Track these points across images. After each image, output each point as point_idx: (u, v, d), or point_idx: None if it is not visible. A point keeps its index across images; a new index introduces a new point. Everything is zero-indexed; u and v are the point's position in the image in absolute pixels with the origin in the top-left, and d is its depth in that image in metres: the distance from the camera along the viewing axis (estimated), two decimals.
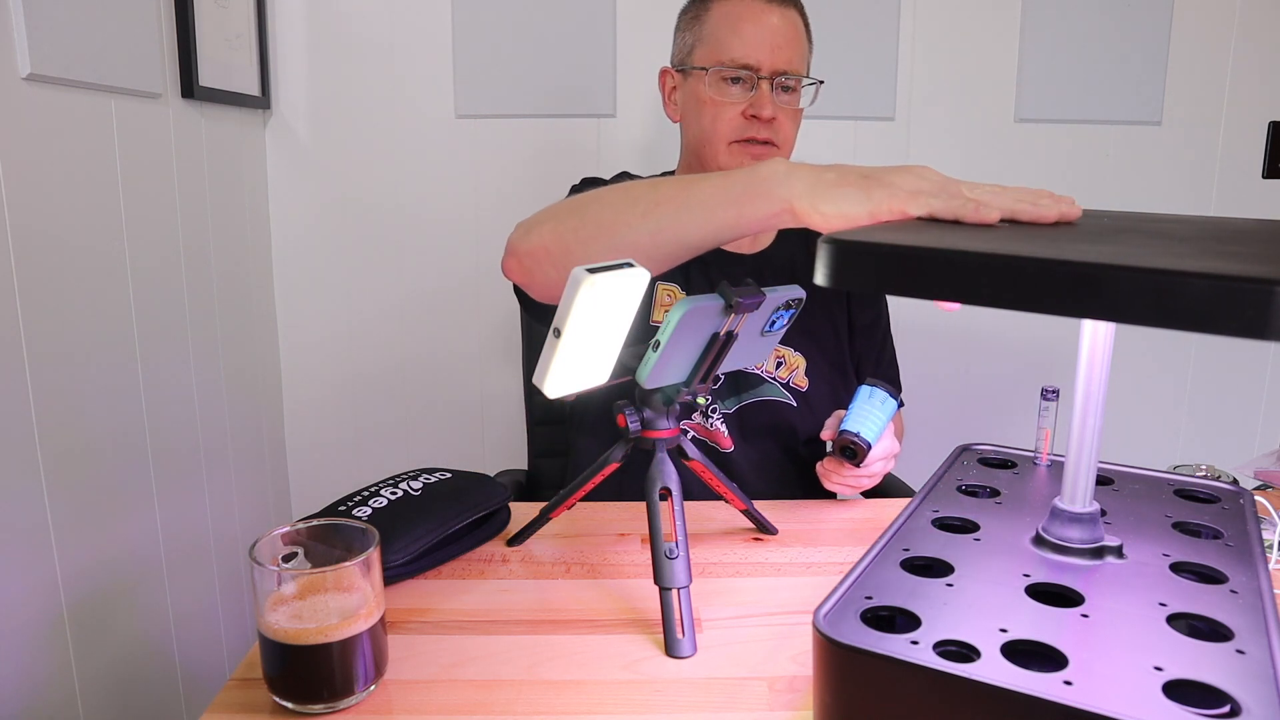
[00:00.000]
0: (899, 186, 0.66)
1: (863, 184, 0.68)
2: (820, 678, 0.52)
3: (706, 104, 1.12)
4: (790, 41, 1.11)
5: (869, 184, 0.68)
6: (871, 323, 1.27)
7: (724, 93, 1.11)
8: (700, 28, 1.14)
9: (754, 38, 1.09)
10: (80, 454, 1.16)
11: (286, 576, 0.62)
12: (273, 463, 1.81)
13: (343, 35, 1.72)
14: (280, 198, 1.78)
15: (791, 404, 1.16)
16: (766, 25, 1.09)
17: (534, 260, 0.90)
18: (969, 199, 0.63)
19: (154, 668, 1.33)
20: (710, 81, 1.11)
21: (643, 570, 0.83)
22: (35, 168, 1.08)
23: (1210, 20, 1.76)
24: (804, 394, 1.16)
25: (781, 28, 1.10)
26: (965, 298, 0.45)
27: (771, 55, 1.09)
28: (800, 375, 1.17)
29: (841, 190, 0.69)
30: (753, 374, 1.15)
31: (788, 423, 1.16)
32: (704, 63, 1.12)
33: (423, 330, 1.84)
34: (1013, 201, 0.62)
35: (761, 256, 1.20)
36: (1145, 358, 1.89)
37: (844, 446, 0.96)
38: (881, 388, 0.97)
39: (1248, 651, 0.50)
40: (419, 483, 0.86)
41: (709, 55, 1.12)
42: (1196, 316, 0.39)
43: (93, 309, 1.19)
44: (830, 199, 0.70)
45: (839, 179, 0.70)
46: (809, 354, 1.17)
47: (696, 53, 1.14)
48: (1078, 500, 0.62)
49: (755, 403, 1.15)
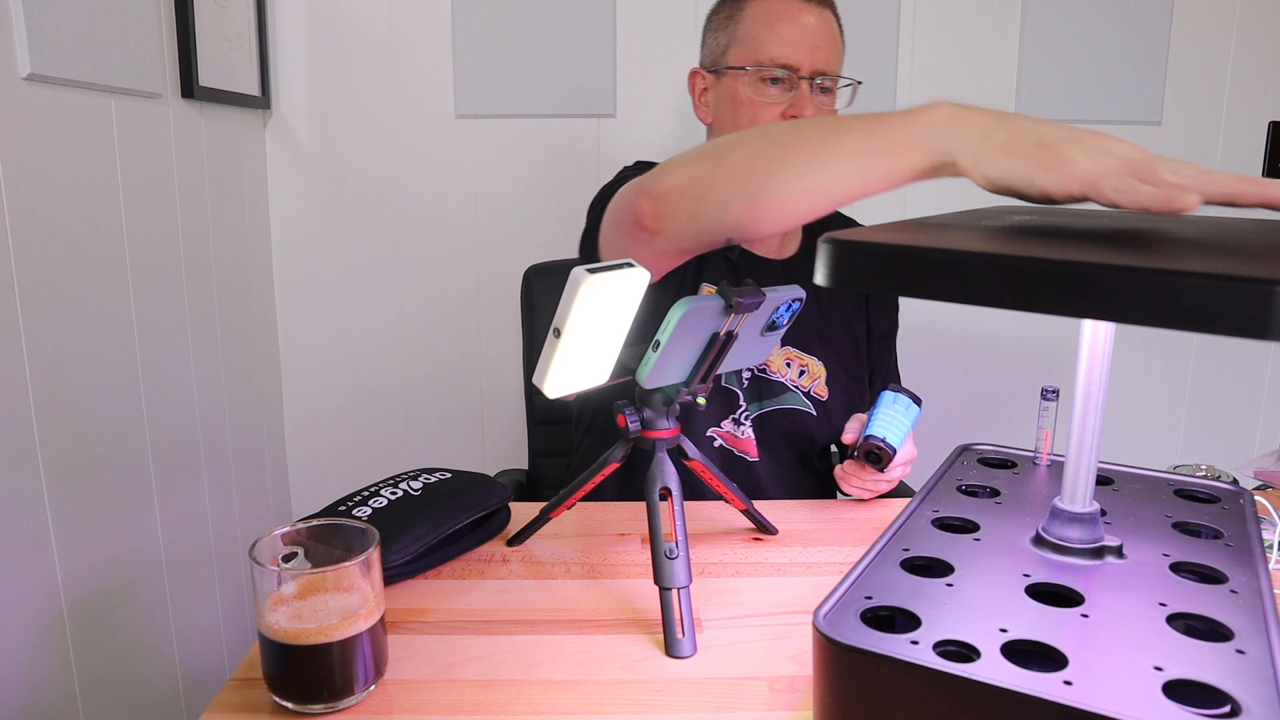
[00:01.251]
0: (1079, 168, 0.57)
1: (1038, 157, 0.59)
2: (820, 678, 0.52)
3: (744, 104, 1.09)
4: (828, 41, 1.09)
5: (1044, 158, 0.59)
6: (887, 331, 1.26)
7: (763, 93, 1.09)
8: (735, 27, 1.11)
9: (792, 37, 1.07)
10: (80, 454, 1.16)
11: (286, 576, 0.62)
12: (273, 463, 1.81)
13: (343, 35, 1.72)
14: (280, 198, 1.78)
15: (812, 413, 1.14)
16: (804, 25, 1.07)
17: (668, 203, 0.82)
18: (1159, 188, 0.53)
19: (154, 668, 1.33)
20: (748, 82, 1.09)
21: (643, 570, 0.83)
22: (35, 168, 1.08)
23: (1210, 20, 1.76)
24: (824, 403, 1.15)
25: (819, 27, 1.08)
26: (965, 298, 0.45)
27: (811, 55, 1.07)
28: (821, 385, 1.15)
29: (1012, 160, 0.60)
30: (777, 381, 1.13)
31: (806, 431, 1.15)
32: (741, 62, 1.10)
33: (422, 330, 1.84)
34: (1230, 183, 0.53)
35: (790, 262, 1.19)
36: (1145, 358, 1.89)
37: (869, 451, 0.95)
38: (904, 393, 0.97)
39: (1248, 651, 0.50)
40: (419, 483, 0.86)
41: (746, 55, 1.09)
42: (1196, 316, 0.39)
43: (93, 309, 1.19)
44: (997, 165, 0.61)
45: (1010, 142, 0.61)
46: (829, 364, 1.16)
47: (731, 53, 1.11)
48: (1078, 500, 0.62)
49: (776, 410, 1.13)
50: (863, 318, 1.22)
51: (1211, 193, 0.52)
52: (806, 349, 1.15)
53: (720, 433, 1.12)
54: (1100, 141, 0.58)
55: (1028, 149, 0.60)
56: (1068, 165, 0.57)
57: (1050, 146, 0.59)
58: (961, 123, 0.64)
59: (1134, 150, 0.57)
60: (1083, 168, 0.56)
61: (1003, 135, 0.62)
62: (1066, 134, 0.60)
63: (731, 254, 1.13)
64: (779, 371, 1.13)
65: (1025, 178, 0.59)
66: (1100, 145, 0.58)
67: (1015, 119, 0.63)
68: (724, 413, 1.12)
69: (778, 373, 1.13)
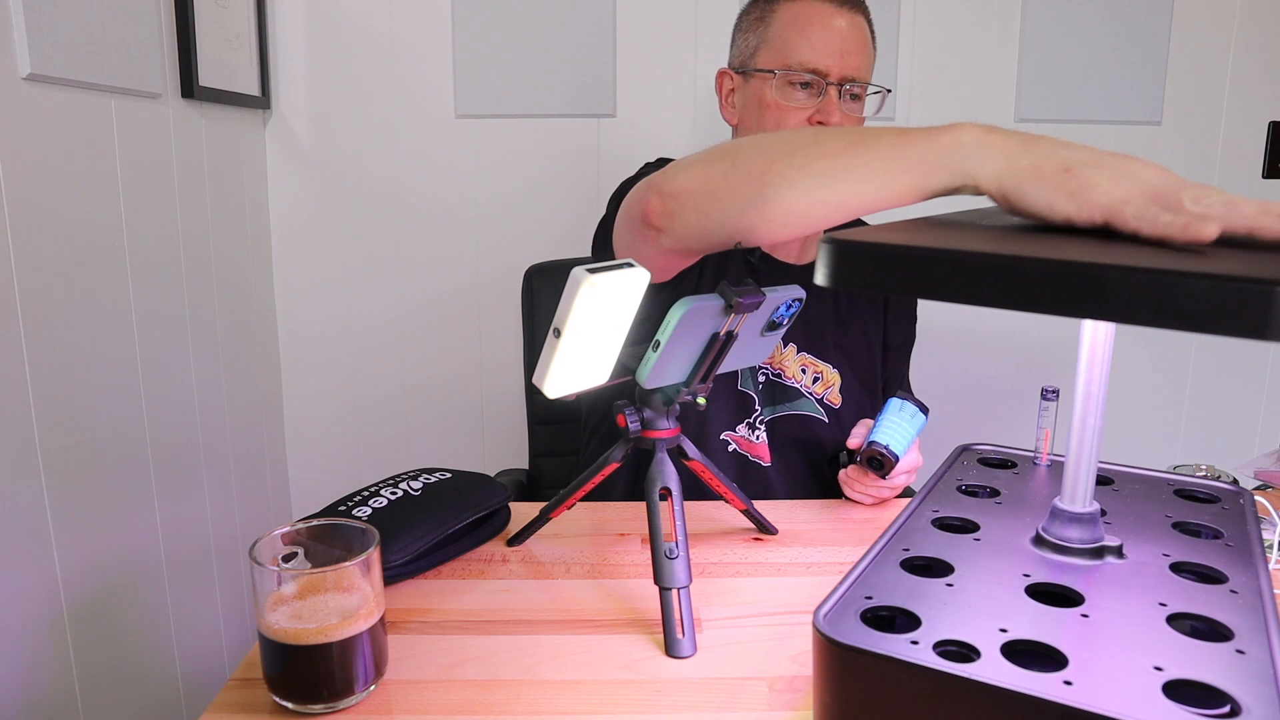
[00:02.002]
0: (1101, 194, 0.55)
1: (1061, 183, 0.58)
2: (820, 678, 0.52)
3: (770, 108, 1.08)
4: (859, 47, 1.07)
5: (1068, 184, 0.58)
6: (904, 343, 1.26)
7: (790, 97, 1.07)
8: (765, 30, 1.10)
9: (823, 42, 1.06)
10: (80, 454, 1.16)
11: (286, 576, 0.62)
12: (273, 463, 1.81)
13: (343, 35, 1.72)
14: (280, 197, 1.78)
15: (824, 420, 1.14)
16: (835, 29, 1.06)
17: (677, 202, 0.82)
18: (1180, 216, 0.51)
19: (154, 668, 1.34)
20: (776, 85, 1.07)
21: (643, 570, 0.83)
22: (35, 168, 1.08)
23: (1210, 20, 1.76)
24: (836, 411, 1.15)
25: (850, 33, 1.07)
26: (965, 298, 0.45)
27: (841, 61, 1.06)
28: (835, 392, 1.15)
29: (1037, 187, 0.59)
30: (791, 386, 1.13)
31: (817, 438, 1.14)
32: (769, 65, 1.08)
33: (423, 330, 1.84)
34: (1254, 216, 0.50)
35: (811, 267, 1.17)
36: (1145, 358, 1.89)
37: (871, 458, 0.95)
38: (912, 401, 0.97)
39: (1248, 651, 0.50)
40: (419, 483, 0.86)
41: (775, 58, 1.08)
42: (1196, 316, 0.39)
43: (93, 309, 1.19)
44: (1021, 191, 0.61)
45: (1034, 168, 0.60)
46: (844, 372, 1.16)
47: (761, 55, 1.10)
48: (1078, 500, 0.62)
49: (789, 415, 1.13)
50: (880, 328, 1.22)
51: (1234, 224, 0.51)
52: (823, 356, 1.15)
53: (734, 436, 1.11)
54: (1126, 165, 0.57)
55: (1051, 174, 0.59)
56: (1090, 191, 0.56)
57: (1074, 171, 0.58)
58: (988, 146, 0.64)
59: (1159, 175, 0.56)
60: (1106, 194, 0.55)
61: (1027, 160, 0.61)
62: (1092, 158, 0.59)
63: (752, 258, 1.13)
64: (794, 377, 1.13)
65: (1048, 203, 0.58)
66: (1125, 170, 0.56)
67: (1040, 142, 0.62)
68: (739, 416, 1.11)
69: (793, 378, 1.13)
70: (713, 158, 0.81)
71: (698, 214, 0.81)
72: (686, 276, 1.03)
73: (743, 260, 1.13)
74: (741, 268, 1.11)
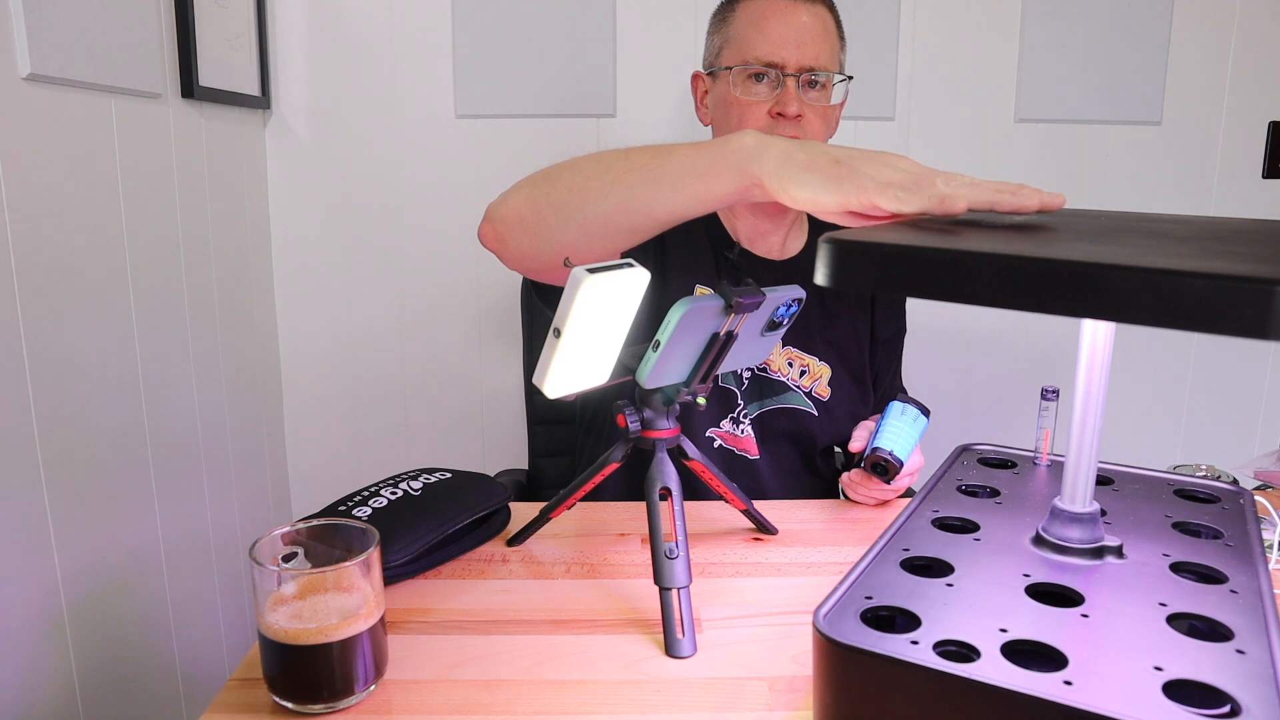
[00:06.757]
0: (870, 178, 0.64)
1: (833, 171, 0.66)
2: (820, 678, 0.52)
3: (733, 104, 1.10)
4: (816, 37, 1.09)
5: (840, 172, 0.66)
6: (893, 336, 1.26)
7: (749, 91, 1.09)
8: (727, 29, 1.13)
9: (779, 34, 1.07)
10: (80, 454, 1.16)
11: (286, 576, 0.62)
12: (273, 463, 1.81)
13: (343, 35, 1.72)
14: (280, 198, 1.78)
15: (813, 413, 1.15)
16: (792, 22, 1.08)
17: (506, 226, 0.89)
18: (935, 193, 0.61)
19: (154, 668, 1.33)
20: (735, 80, 1.09)
21: (643, 570, 0.83)
22: (35, 168, 1.08)
23: (1210, 20, 1.76)
24: (825, 404, 1.16)
25: (809, 24, 1.08)
26: (965, 298, 0.45)
27: (797, 52, 1.07)
28: (823, 385, 1.16)
29: (811, 176, 0.67)
30: (777, 380, 1.14)
31: (807, 431, 1.15)
32: (730, 63, 1.11)
33: (423, 330, 1.84)
34: (991, 193, 0.61)
35: (791, 263, 1.19)
36: (1145, 358, 1.89)
37: (875, 463, 0.95)
38: (913, 404, 0.97)
39: (1248, 651, 0.50)
40: (419, 483, 0.86)
41: (734, 55, 1.10)
42: (1196, 316, 0.39)
43: (93, 309, 1.19)
44: (800, 182, 0.68)
45: (809, 161, 0.68)
46: (833, 364, 1.17)
47: (724, 54, 1.13)
48: (1078, 500, 0.62)
49: (777, 409, 1.14)
50: (867, 320, 1.22)
51: (976, 200, 0.60)
52: (809, 350, 1.16)
53: (719, 433, 1.12)
54: (887, 159, 0.67)
55: (824, 165, 0.67)
56: (859, 178, 0.65)
57: (844, 163, 0.67)
58: (768, 147, 0.71)
59: (915, 165, 0.66)
60: (873, 180, 0.64)
61: (802, 156, 0.69)
62: (858, 153, 0.68)
63: (730, 253, 1.14)
64: (780, 371, 1.14)
65: (825, 189, 0.66)
66: (887, 161, 0.66)
67: (813, 144, 0.71)
68: (722, 413, 1.12)
69: (779, 372, 1.14)
70: (536, 180, 0.88)
71: (527, 234, 0.88)
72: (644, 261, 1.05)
73: (721, 255, 1.14)
74: (720, 264, 1.13)
